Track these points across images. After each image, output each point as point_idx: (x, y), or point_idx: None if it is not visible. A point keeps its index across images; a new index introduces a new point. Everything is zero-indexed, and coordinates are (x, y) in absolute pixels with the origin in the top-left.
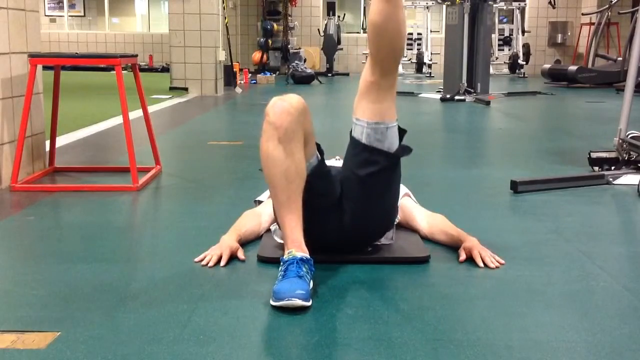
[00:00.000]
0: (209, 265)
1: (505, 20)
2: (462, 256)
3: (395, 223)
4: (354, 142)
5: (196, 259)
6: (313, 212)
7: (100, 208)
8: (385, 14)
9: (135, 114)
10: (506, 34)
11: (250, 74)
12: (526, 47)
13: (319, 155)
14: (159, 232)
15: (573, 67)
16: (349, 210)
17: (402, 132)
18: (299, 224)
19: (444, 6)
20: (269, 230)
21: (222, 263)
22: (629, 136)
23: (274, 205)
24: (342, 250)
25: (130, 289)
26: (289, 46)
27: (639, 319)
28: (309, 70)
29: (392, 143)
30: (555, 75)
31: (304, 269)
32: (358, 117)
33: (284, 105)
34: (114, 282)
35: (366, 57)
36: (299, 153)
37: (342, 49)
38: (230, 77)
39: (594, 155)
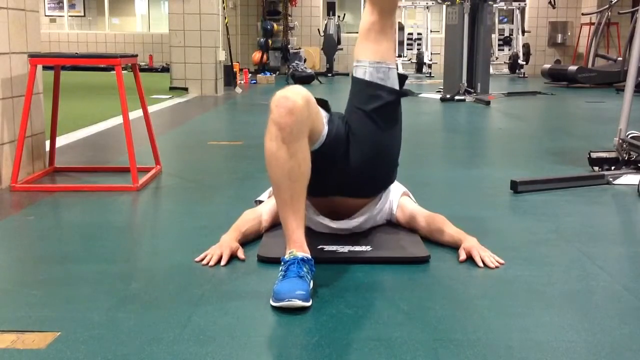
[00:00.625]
0: (209, 265)
1: (505, 20)
2: (462, 256)
3: (394, 219)
4: (357, 81)
5: (196, 259)
6: (321, 158)
7: (100, 208)
8: None
9: (135, 114)
10: (506, 34)
11: (250, 74)
12: (526, 47)
13: (326, 123)
14: (159, 232)
15: (573, 67)
16: (356, 152)
17: (402, 77)
18: (301, 224)
19: (444, 6)
20: (269, 230)
21: (223, 263)
22: (629, 136)
23: (277, 204)
24: (341, 193)
25: (130, 289)
26: (289, 46)
27: (639, 319)
28: (309, 70)
29: (393, 84)
30: (555, 75)
31: (304, 269)
32: (359, 58)
33: (288, 104)
34: (114, 282)
35: None
36: (303, 153)
37: (342, 49)
38: (230, 77)
39: (594, 155)
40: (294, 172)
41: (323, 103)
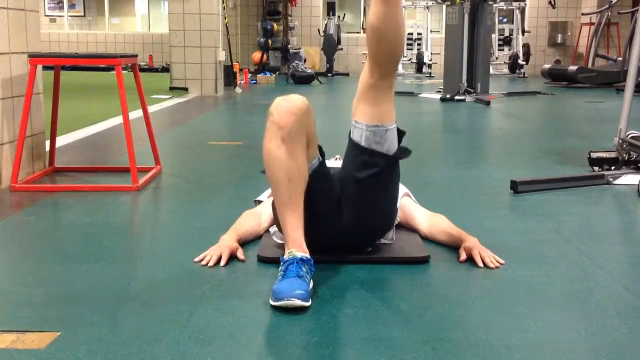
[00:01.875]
0: (209, 265)
1: (505, 20)
2: (462, 256)
3: (395, 224)
4: (353, 145)
5: (196, 259)
6: (313, 213)
7: (100, 208)
8: (384, 17)
9: (135, 114)
10: (506, 34)
11: (250, 74)
12: (526, 47)
13: (320, 157)
14: (159, 232)
15: (573, 67)
16: (349, 212)
17: (401, 133)
18: (300, 224)
19: (444, 6)
20: (268, 230)
21: (222, 263)
22: (629, 136)
23: (276, 205)
24: (342, 250)
25: (130, 289)
26: (289, 46)
27: (639, 319)
28: (309, 70)
29: (391, 145)
30: (555, 75)
31: (304, 269)
32: (357, 119)
33: (288, 105)
34: (114, 282)
35: (366, 57)
36: (301, 153)
37: (342, 49)
38: (230, 77)
39: (594, 155)
40: (293, 172)
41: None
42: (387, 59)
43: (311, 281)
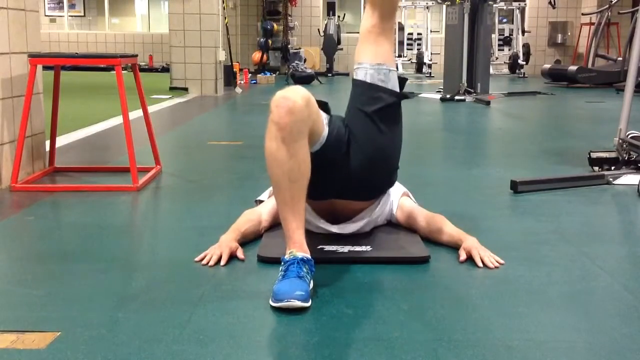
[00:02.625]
0: (209, 264)
1: (505, 20)
2: (462, 256)
3: (394, 220)
4: (358, 83)
5: (196, 259)
6: (321, 162)
7: (100, 208)
8: None
9: (135, 114)
10: (506, 34)
11: (250, 74)
12: (526, 47)
13: (327, 125)
14: (159, 232)
15: (573, 67)
16: (357, 152)
17: (402, 80)
18: (301, 225)
19: (444, 6)
20: (269, 230)
21: (222, 263)
22: (629, 136)
23: (277, 204)
24: (341, 196)
25: (130, 289)
26: (289, 46)
27: (639, 319)
28: (309, 70)
29: (394, 86)
30: (555, 75)
31: (304, 269)
32: (360, 61)
33: (287, 104)
34: (113, 282)
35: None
36: (303, 153)
37: (342, 49)
38: (230, 77)
39: (594, 155)
40: (294, 172)
41: (323, 105)
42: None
43: (311, 281)
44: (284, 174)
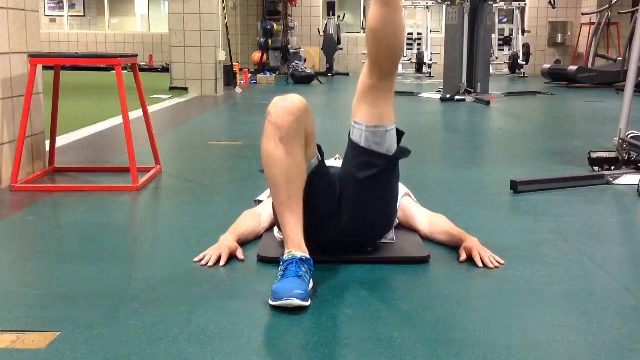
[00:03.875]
0: (209, 265)
1: (505, 20)
2: (462, 256)
3: (395, 224)
4: (353, 145)
5: (195, 259)
6: (313, 213)
7: (100, 208)
8: (383, 19)
9: (135, 114)
10: (506, 34)
11: (250, 74)
12: (526, 47)
13: (319, 156)
14: (159, 232)
15: (573, 67)
16: (348, 212)
17: (400, 134)
18: (299, 224)
19: (444, 6)
20: (268, 230)
21: (222, 263)
22: (629, 136)
23: (275, 205)
24: (342, 251)
25: (130, 289)
26: (289, 46)
27: (639, 319)
28: (309, 70)
29: (390, 145)
30: (555, 75)
31: (303, 268)
32: (357, 120)
33: (286, 105)
34: (114, 282)
35: (366, 57)
36: (300, 153)
37: (342, 49)
38: (230, 77)
39: (594, 155)
40: (292, 172)
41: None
42: (386, 60)
43: (311, 281)
44: (282, 173)
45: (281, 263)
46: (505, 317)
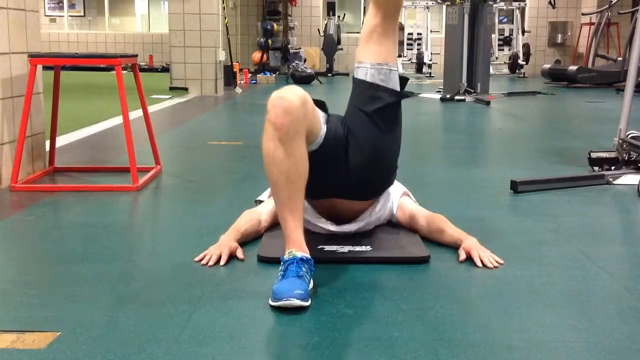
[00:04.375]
0: (209, 264)
1: (505, 20)
2: (462, 256)
3: (394, 220)
4: (358, 82)
5: (195, 259)
6: (320, 161)
7: (100, 208)
8: None
9: (135, 114)
10: (506, 34)
11: (250, 74)
12: (526, 47)
13: (324, 127)
14: (159, 232)
15: (573, 67)
16: (357, 150)
17: (403, 80)
18: (299, 224)
19: (444, 6)
20: (268, 229)
21: (222, 263)
22: (629, 136)
23: (275, 205)
24: (340, 195)
25: (130, 289)
26: (289, 46)
27: (639, 319)
28: (309, 70)
29: (394, 85)
30: (555, 75)
31: (303, 268)
32: (361, 60)
33: (284, 104)
34: (114, 282)
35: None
36: (300, 153)
37: (342, 49)
38: (230, 77)
39: (594, 155)
40: (292, 172)
41: (320, 104)
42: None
43: (311, 281)
44: (282, 173)
45: (281, 263)
46: (505, 317)
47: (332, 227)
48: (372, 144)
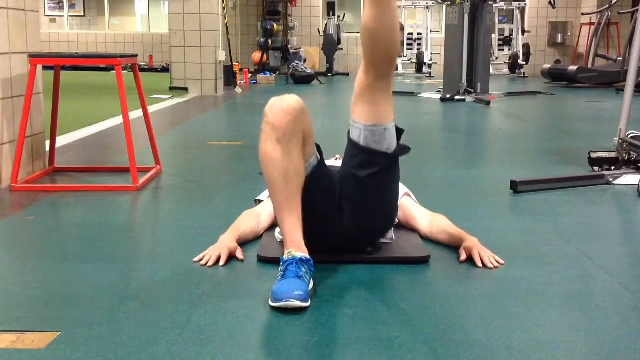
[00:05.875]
0: (208, 265)
1: (505, 20)
2: (462, 256)
3: (395, 223)
4: (352, 144)
5: (195, 259)
6: (313, 213)
7: (100, 208)
8: (377, 18)
9: (135, 114)
10: (506, 34)
11: (250, 74)
12: (526, 47)
13: (318, 156)
14: (159, 232)
15: (573, 67)
16: (349, 211)
17: (399, 131)
18: (298, 224)
19: (444, 6)
20: (268, 230)
21: (221, 263)
22: (629, 136)
23: (273, 205)
24: (342, 250)
25: (130, 289)
26: (289, 46)
27: (639, 319)
28: (309, 70)
29: (390, 144)
30: (555, 75)
31: (303, 269)
32: (355, 119)
33: (282, 105)
34: (114, 282)
35: (362, 57)
36: (297, 153)
37: (342, 49)
38: (230, 77)
39: (594, 155)
40: (289, 172)
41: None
42: (382, 60)
43: (311, 281)
44: (280, 174)
45: (281, 263)
46: (505, 317)
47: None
48: (365, 206)
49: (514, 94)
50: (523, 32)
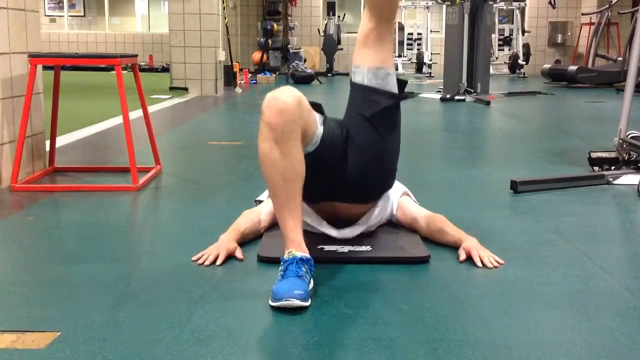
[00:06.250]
0: (205, 264)
1: (505, 20)
2: (462, 256)
3: (394, 219)
4: (356, 86)
5: (193, 258)
6: (317, 164)
7: (100, 208)
8: None
9: (135, 114)
10: (506, 34)
11: (250, 74)
12: (526, 47)
13: (321, 124)
14: (159, 232)
15: (573, 67)
16: (355, 155)
17: (402, 83)
18: (298, 224)
19: (444, 6)
20: (268, 229)
21: (218, 263)
22: (629, 136)
23: (273, 205)
24: (340, 198)
25: (130, 289)
26: (289, 46)
27: (639, 319)
28: (309, 70)
29: (392, 87)
30: (555, 75)
31: (303, 268)
32: (358, 64)
33: (278, 105)
34: (114, 282)
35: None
36: (296, 151)
37: (342, 49)
38: (230, 77)
39: (594, 155)
40: (288, 172)
41: (317, 106)
42: (385, 5)
43: (311, 281)
44: (279, 174)
45: (281, 263)
46: (505, 317)
47: (334, 233)
48: (370, 148)
49: (514, 94)
50: (523, 32)
